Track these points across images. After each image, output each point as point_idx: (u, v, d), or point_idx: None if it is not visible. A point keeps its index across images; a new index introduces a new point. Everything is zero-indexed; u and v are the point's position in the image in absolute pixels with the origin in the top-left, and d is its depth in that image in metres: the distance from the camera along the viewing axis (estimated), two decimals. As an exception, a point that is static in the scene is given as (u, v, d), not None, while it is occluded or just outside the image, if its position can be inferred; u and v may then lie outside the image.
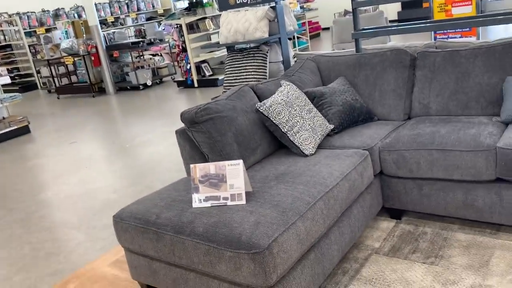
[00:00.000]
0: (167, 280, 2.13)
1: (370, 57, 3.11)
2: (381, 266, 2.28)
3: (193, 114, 2.39)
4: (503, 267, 2.11)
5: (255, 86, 2.81)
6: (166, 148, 5.06)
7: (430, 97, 2.86)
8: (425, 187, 2.49)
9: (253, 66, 3.67)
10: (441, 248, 2.34)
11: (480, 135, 2.32)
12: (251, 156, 2.51)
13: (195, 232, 1.88)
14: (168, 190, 2.32)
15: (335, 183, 2.15)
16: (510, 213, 2.26)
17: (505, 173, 2.19)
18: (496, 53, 2.67)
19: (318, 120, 2.64)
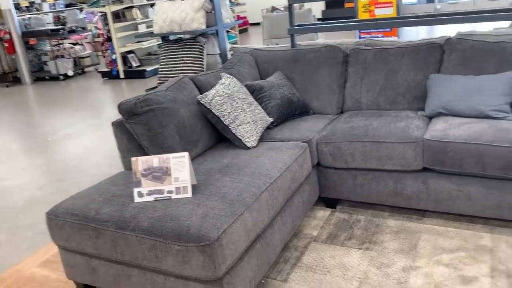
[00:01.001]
0: (108, 278, 2.04)
1: (305, 53, 3.20)
2: (320, 253, 2.37)
3: (132, 105, 2.30)
4: (429, 249, 2.30)
5: (195, 78, 2.78)
6: (93, 141, 4.82)
7: (362, 92, 3.02)
8: (359, 177, 2.63)
9: (190, 58, 3.61)
10: (374, 234, 2.49)
11: (409, 128, 2.50)
12: (193, 149, 2.48)
13: (139, 227, 1.83)
14: (106, 184, 2.22)
15: (279, 174, 2.19)
16: (435, 200, 2.47)
17: (431, 163, 2.38)
18: (421, 52, 2.88)
19: (259, 113, 2.68)
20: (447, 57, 2.82)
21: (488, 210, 2.36)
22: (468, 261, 2.16)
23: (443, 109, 2.60)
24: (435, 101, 2.64)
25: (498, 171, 2.23)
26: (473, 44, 2.76)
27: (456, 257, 2.21)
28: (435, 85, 2.69)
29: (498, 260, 2.15)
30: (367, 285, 2.08)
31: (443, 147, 2.32)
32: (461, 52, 2.77)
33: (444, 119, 2.55)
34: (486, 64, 2.69)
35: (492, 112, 2.45)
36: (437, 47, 2.88)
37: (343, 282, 2.12)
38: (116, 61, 8.46)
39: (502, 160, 2.21)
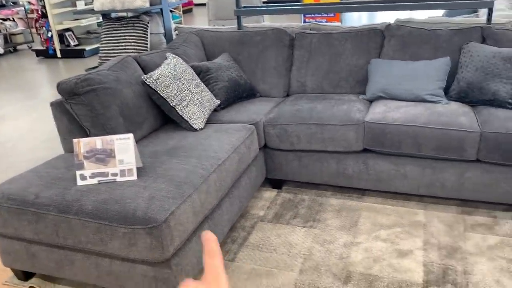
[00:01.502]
0: (49, 264, 1.97)
1: (252, 35, 3.21)
2: (266, 233, 2.43)
3: (73, 84, 2.20)
4: (369, 226, 2.42)
5: (138, 57, 2.70)
6: (28, 124, 4.56)
7: (307, 75, 3.08)
8: (304, 158, 2.70)
9: (133, 37, 3.49)
10: (317, 212, 2.59)
11: (351, 111, 2.60)
12: (138, 130, 2.42)
13: (83, 210, 1.77)
14: (45, 167, 2.13)
15: (227, 156, 2.21)
16: (374, 179, 2.59)
17: (371, 144, 2.50)
18: (363, 37, 2.98)
19: (206, 95, 2.66)
20: (387, 43, 2.94)
21: (422, 188, 2.52)
22: (404, 236, 2.31)
23: (382, 93, 2.72)
24: (375, 85, 2.75)
25: (432, 152, 2.39)
26: (411, 31, 2.89)
27: (393, 232, 2.35)
28: (376, 70, 2.80)
29: (430, 235, 2.31)
30: (311, 261, 2.16)
31: (382, 129, 2.44)
32: (400, 38, 2.90)
33: (384, 103, 2.67)
34: (422, 50, 2.83)
35: (428, 96, 2.60)
36: (378, 32, 2.99)
37: (289, 259, 2.19)
38: (52, 39, 7.99)
39: (436, 141, 2.36)
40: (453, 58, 2.75)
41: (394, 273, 2.04)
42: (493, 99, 2.48)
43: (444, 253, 2.16)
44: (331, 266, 2.12)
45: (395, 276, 2.02)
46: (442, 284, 1.96)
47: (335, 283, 2.00)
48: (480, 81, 2.51)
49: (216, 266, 0.47)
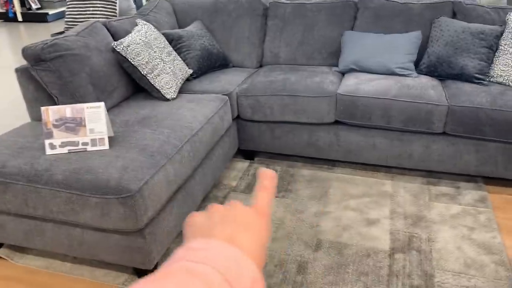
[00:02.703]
0: (18, 234, 1.94)
1: (226, 3, 3.14)
2: (239, 203, 2.45)
3: (39, 50, 2.11)
4: (339, 195, 2.49)
5: (108, 23, 2.60)
6: (-10, 90, 4.36)
7: (280, 46, 3.06)
8: (277, 129, 2.72)
9: (101, 1, 3.35)
10: (289, 183, 2.63)
11: (324, 82, 2.61)
12: (108, 99, 2.36)
13: (53, 180, 1.74)
14: (12, 136, 2.06)
15: (200, 126, 2.19)
16: (344, 151, 2.65)
17: (343, 116, 2.53)
18: (337, 8, 2.97)
19: (178, 64, 2.61)
20: (361, 15, 2.95)
21: (390, 160, 2.60)
22: (372, 206, 2.39)
23: (355, 65, 2.75)
24: (348, 57, 2.77)
25: (400, 124, 2.45)
26: (383, 4, 2.91)
27: (362, 202, 2.42)
28: (348, 42, 2.81)
29: (397, 204, 2.40)
30: (283, 230, 2.22)
31: (354, 101, 2.47)
32: (373, 10, 2.91)
33: (356, 75, 2.70)
34: (395, 23, 2.86)
35: (398, 69, 2.64)
36: (351, 4, 2.98)
37: (261, 229, 2.23)
38: (12, 1, 7.58)
39: (405, 114, 2.42)
40: (424, 32, 2.79)
41: (362, 241, 2.12)
42: (461, 73, 2.55)
43: (410, 222, 2.25)
44: (302, 234, 2.18)
45: (363, 243, 2.10)
46: (407, 251, 2.05)
47: (306, 251, 2.07)
48: (449, 55, 2.57)
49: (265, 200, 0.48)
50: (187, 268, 0.35)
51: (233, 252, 0.39)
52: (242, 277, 0.37)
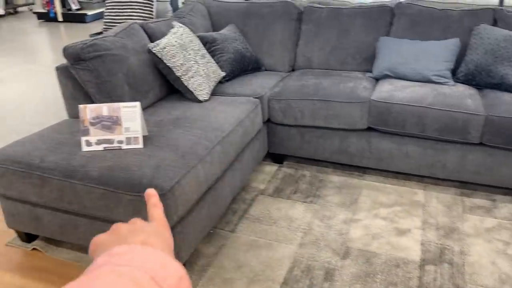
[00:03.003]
0: (53, 227, 2.00)
1: (260, 7, 3.16)
2: (267, 206, 2.45)
3: (79, 49, 2.18)
4: (369, 203, 2.45)
5: (145, 25, 2.66)
6: (29, 87, 4.53)
7: (314, 51, 3.05)
8: (307, 134, 2.71)
9: (138, 3, 3.43)
10: (318, 188, 2.61)
11: (357, 88, 2.59)
12: (143, 99, 2.41)
13: (89, 176, 1.79)
14: (50, 132, 2.13)
15: (231, 128, 2.21)
16: (376, 158, 2.61)
17: (376, 123, 2.50)
18: (372, 14, 2.94)
19: (212, 66, 2.64)
20: (397, 21, 2.90)
21: (423, 169, 2.54)
22: (403, 215, 2.34)
23: (389, 72, 2.71)
24: (382, 64, 2.73)
25: (435, 133, 2.39)
26: (421, 10, 2.86)
27: (393, 211, 2.38)
28: (384, 48, 2.77)
29: (429, 215, 2.34)
30: (310, 235, 2.20)
31: (388, 108, 2.43)
32: (410, 17, 2.86)
33: (390, 81, 2.66)
34: (432, 30, 2.80)
35: (434, 77, 2.58)
36: (388, 10, 2.94)
37: (288, 233, 2.22)
38: (53, 2, 7.85)
39: (440, 123, 2.36)
40: (462, 39, 2.72)
41: (392, 250, 2.08)
42: (500, 83, 2.47)
43: (442, 233, 2.19)
44: (330, 241, 2.16)
45: (393, 253, 2.06)
46: (439, 263, 2.00)
47: (334, 258, 2.04)
48: (489, 64, 2.50)
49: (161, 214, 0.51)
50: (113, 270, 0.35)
51: (156, 253, 0.40)
52: (168, 276, 0.38)
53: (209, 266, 2.02)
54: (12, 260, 2.08)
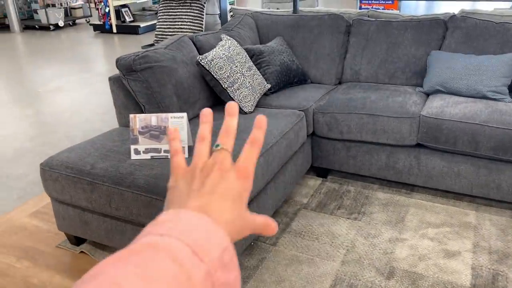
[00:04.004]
0: (100, 232, 2.07)
1: (308, 20, 3.15)
2: (309, 220, 2.42)
3: (131, 61, 2.26)
4: (416, 222, 2.36)
5: (194, 38, 2.72)
6: (84, 96, 4.75)
7: (362, 64, 3.00)
8: (353, 148, 2.66)
9: (189, 17, 3.52)
10: (363, 205, 2.55)
11: (406, 103, 2.51)
12: (190, 110, 2.46)
13: (136, 183, 1.83)
14: (101, 140, 2.21)
15: (275, 141, 2.20)
16: (425, 176, 2.51)
17: (425, 139, 2.41)
18: (424, 27, 2.86)
19: (257, 79, 2.65)
20: (450, 34, 2.81)
21: (475, 189, 2.42)
22: (452, 236, 2.23)
23: (441, 87, 2.61)
24: (434, 78, 2.64)
25: (490, 151, 2.28)
26: (477, 23, 2.75)
27: (441, 231, 2.28)
28: (436, 62, 2.68)
29: (481, 237, 2.22)
30: (354, 253, 2.14)
31: (438, 124, 2.35)
32: (464, 30, 2.76)
33: (442, 97, 2.56)
34: (488, 44, 2.68)
35: (490, 93, 2.47)
36: (440, 23, 2.85)
37: (331, 249, 2.17)
38: (109, 15, 8.23)
39: (495, 141, 2.24)
40: (521, 54, 2.58)
41: (440, 273, 1.99)
42: None
43: (495, 258, 2.07)
44: (374, 260, 2.09)
45: (441, 276, 1.97)
46: (490, 290, 1.89)
47: (377, 278, 1.98)
48: (550, 80, 2.35)
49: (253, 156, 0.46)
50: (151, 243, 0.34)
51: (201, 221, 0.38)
52: (210, 247, 0.36)
53: (249, 278, 2.01)
54: (61, 262, 2.17)
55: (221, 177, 0.43)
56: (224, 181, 0.43)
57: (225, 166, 0.44)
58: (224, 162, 0.44)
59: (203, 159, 0.46)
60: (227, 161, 0.45)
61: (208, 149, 0.47)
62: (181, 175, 0.46)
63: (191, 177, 0.44)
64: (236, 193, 0.43)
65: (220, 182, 0.43)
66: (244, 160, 0.46)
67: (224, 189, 0.43)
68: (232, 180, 0.44)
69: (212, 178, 0.43)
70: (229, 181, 0.44)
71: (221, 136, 0.47)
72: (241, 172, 0.45)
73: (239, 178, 0.44)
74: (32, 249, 2.26)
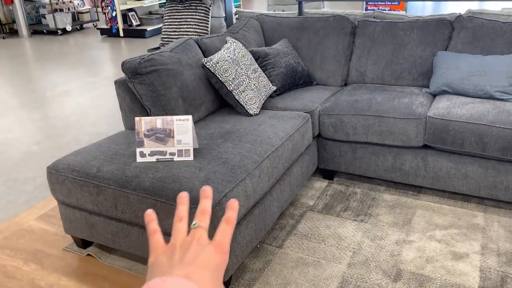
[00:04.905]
0: (106, 234, 2.07)
1: (313, 22, 3.15)
2: (315, 223, 2.41)
3: (137, 64, 2.27)
4: (423, 224, 2.34)
5: (200, 40, 2.73)
6: (91, 99, 4.78)
7: (368, 65, 2.99)
8: (359, 150, 2.64)
9: (194, 19, 3.53)
10: (369, 207, 2.53)
11: (413, 104, 2.50)
12: (195, 112, 2.46)
13: (141, 186, 1.84)
14: (107, 143, 2.22)
15: (280, 143, 2.20)
16: (432, 177, 2.49)
17: (432, 140, 2.39)
18: (430, 27, 2.84)
19: (263, 81, 2.65)
20: (456, 35, 2.79)
21: (483, 190, 2.39)
22: (460, 238, 2.21)
23: (448, 87, 2.59)
24: (440, 79, 2.63)
25: (497, 152, 2.25)
26: (483, 23, 2.73)
27: (449, 233, 2.26)
28: (442, 63, 2.67)
29: (489, 239, 2.20)
30: (360, 255, 2.13)
31: (445, 125, 2.33)
32: (471, 31, 2.74)
33: (448, 97, 2.54)
34: (495, 44, 2.66)
35: (497, 93, 2.45)
36: (446, 23, 2.84)
37: (337, 251, 2.16)
38: (116, 19, 8.28)
39: (503, 142, 2.22)
40: (529, 53, 2.56)
41: (447, 275, 1.97)
42: None
43: (504, 260, 2.05)
44: (381, 262, 2.07)
45: (448, 279, 1.95)
46: (499, 292, 1.86)
47: (384, 280, 1.96)
48: (559, 80, 2.33)
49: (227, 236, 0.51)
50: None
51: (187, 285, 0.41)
52: None
53: (255, 281, 2.00)
54: (68, 265, 2.18)
55: (201, 250, 0.48)
56: (203, 253, 0.48)
57: (203, 241, 0.49)
58: (202, 238, 0.49)
59: (182, 236, 0.50)
60: (205, 237, 0.50)
61: (186, 227, 0.52)
62: (161, 252, 0.50)
63: (171, 252, 0.48)
64: (214, 265, 0.47)
65: (200, 254, 0.47)
66: (220, 236, 0.50)
67: (203, 260, 0.47)
68: (210, 253, 0.48)
69: (192, 251, 0.48)
70: (208, 253, 0.48)
71: (198, 215, 0.52)
72: (218, 247, 0.49)
73: (217, 252, 0.49)
74: (40, 252, 2.28)
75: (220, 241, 0.50)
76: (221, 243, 0.50)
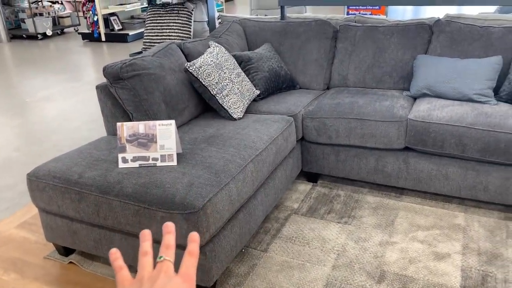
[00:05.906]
0: (89, 242, 2.04)
1: (295, 26, 3.17)
2: (300, 225, 2.42)
3: (118, 69, 2.25)
4: (406, 226, 2.37)
5: (182, 45, 2.72)
6: (72, 105, 4.72)
7: (349, 69, 3.02)
8: (342, 153, 2.67)
9: (177, 24, 3.52)
10: (353, 209, 2.55)
11: (394, 107, 2.53)
12: (179, 117, 2.45)
13: (124, 192, 1.82)
14: (89, 148, 2.19)
15: (264, 146, 2.20)
16: (414, 179, 2.53)
17: (413, 143, 2.43)
18: (410, 31, 2.89)
19: (246, 85, 2.66)
20: (435, 39, 2.84)
21: (464, 191, 2.44)
22: (442, 239, 2.25)
23: (428, 90, 2.64)
24: (420, 82, 2.67)
25: (477, 154, 2.30)
26: (461, 27, 2.78)
27: (431, 234, 2.29)
28: (422, 66, 2.71)
29: (470, 239, 2.24)
30: (344, 257, 2.14)
31: (426, 128, 2.37)
32: (449, 35, 2.79)
33: (429, 100, 2.59)
34: (473, 48, 2.72)
35: (475, 95, 2.50)
36: (426, 28, 2.89)
37: (321, 254, 2.17)
38: (97, 23, 8.20)
39: (481, 143, 2.27)
40: (505, 57, 2.63)
41: (430, 275, 1.99)
42: (547, 102, 2.36)
43: (484, 259, 2.09)
44: (365, 264, 2.09)
45: (431, 279, 1.97)
46: (480, 291, 1.90)
47: (368, 282, 1.98)
48: (534, 82, 2.39)
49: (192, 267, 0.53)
50: None
51: None
52: None
53: (240, 285, 2.00)
54: (49, 273, 2.14)
55: (168, 281, 0.49)
56: (171, 283, 0.49)
57: (170, 273, 0.51)
58: (169, 270, 0.51)
59: (149, 270, 0.52)
60: (171, 269, 0.52)
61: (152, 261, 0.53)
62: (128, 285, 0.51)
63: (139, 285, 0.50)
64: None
65: (167, 284, 0.49)
66: (186, 268, 0.52)
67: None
68: (178, 282, 0.50)
69: (159, 283, 0.49)
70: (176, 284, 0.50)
71: (162, 250, 0.54)
72: (185, 277, 0.51)
73: (184, 281, 0.50)
74: (20, 260, 2.23)
75: (187, 272, 0.52)
76: (188, 273, 0.51)
